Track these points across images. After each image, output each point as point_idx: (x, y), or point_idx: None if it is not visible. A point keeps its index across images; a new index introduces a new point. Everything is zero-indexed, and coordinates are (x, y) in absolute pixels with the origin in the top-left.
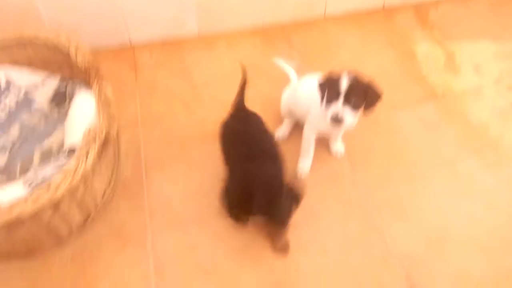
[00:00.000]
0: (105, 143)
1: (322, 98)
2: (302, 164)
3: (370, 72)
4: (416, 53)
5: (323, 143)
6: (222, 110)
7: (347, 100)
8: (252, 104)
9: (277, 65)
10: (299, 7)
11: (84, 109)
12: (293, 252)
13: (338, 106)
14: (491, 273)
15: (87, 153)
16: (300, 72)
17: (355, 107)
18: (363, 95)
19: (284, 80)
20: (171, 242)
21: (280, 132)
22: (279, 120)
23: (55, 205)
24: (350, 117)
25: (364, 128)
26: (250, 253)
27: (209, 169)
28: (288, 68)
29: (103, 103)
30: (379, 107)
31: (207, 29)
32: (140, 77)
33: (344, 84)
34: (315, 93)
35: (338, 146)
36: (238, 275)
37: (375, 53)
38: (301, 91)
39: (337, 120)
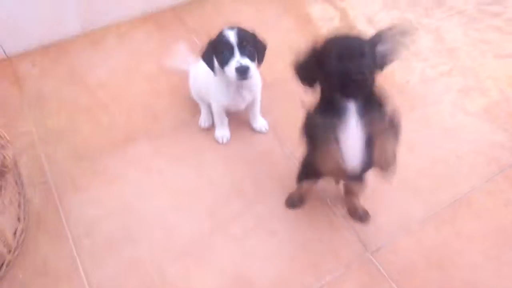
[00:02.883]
0: (1, 173)
1: (210, 64)
2: (221, 133)
3: (273, 41)
4: (311, 15)
5: (248, 124)
6: (129, 111)
7: (242, 50)
8: (161, 94)
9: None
10: None
11: None
12: (240, 241)
13: (236, 57)
14: (431, 211)
15: None
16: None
17: (251, 55)
18: (253, 42)
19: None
20: (106, 269)
21: (202, 122)
22: (194, 106)
23: None
24: (252, 65)
25: (280, 100)
26: (194, 257)
27: (129, 178)
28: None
29: None
30: (288, 74)
31: (91, 24)
32: (25, 90)
33: (232, 36)
34: (209, 74)
35: (259, 122)
36: (187, 283)
37: (272, 22)
38: (199, 74)
39: (242, 70)
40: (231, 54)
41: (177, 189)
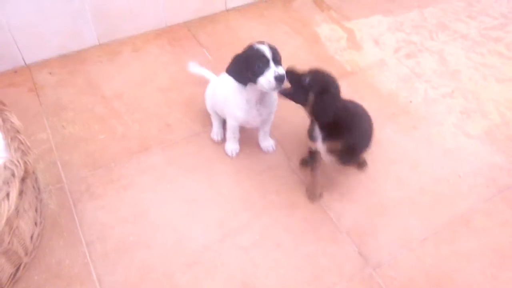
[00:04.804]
0: (22, 178)
1: (239, 77)
2: (231, 147)
3: (282, 58)
4: (319, 35)
5: (257, 139)
6: (143, 121)
7: (275, 62)
8: (174, 106)
9: (192, 70)
10: (201, 3)
11: None
12: (247, 251)
13: (272, 67)
14: (431, 229)
15: (8, 193)
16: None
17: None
18: (279, 55)
19: (203, 78)
20: (118, 274)
21: (215, 135)
22: (205, 118)
23: None
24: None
25: (288, 116)
26: (204, 265)
27: (142, 186)
28: (202, 70)
29: (11, 132)
30: None
31: (107, 37)
32: (43, 98)
33: (267, 50)
34: (229, 90)
35: (267, 142)
36: None
37: (281, 40)
38: (218, 89)
39: (280, 78)
40: (267, 66)
41: (188, 198)
